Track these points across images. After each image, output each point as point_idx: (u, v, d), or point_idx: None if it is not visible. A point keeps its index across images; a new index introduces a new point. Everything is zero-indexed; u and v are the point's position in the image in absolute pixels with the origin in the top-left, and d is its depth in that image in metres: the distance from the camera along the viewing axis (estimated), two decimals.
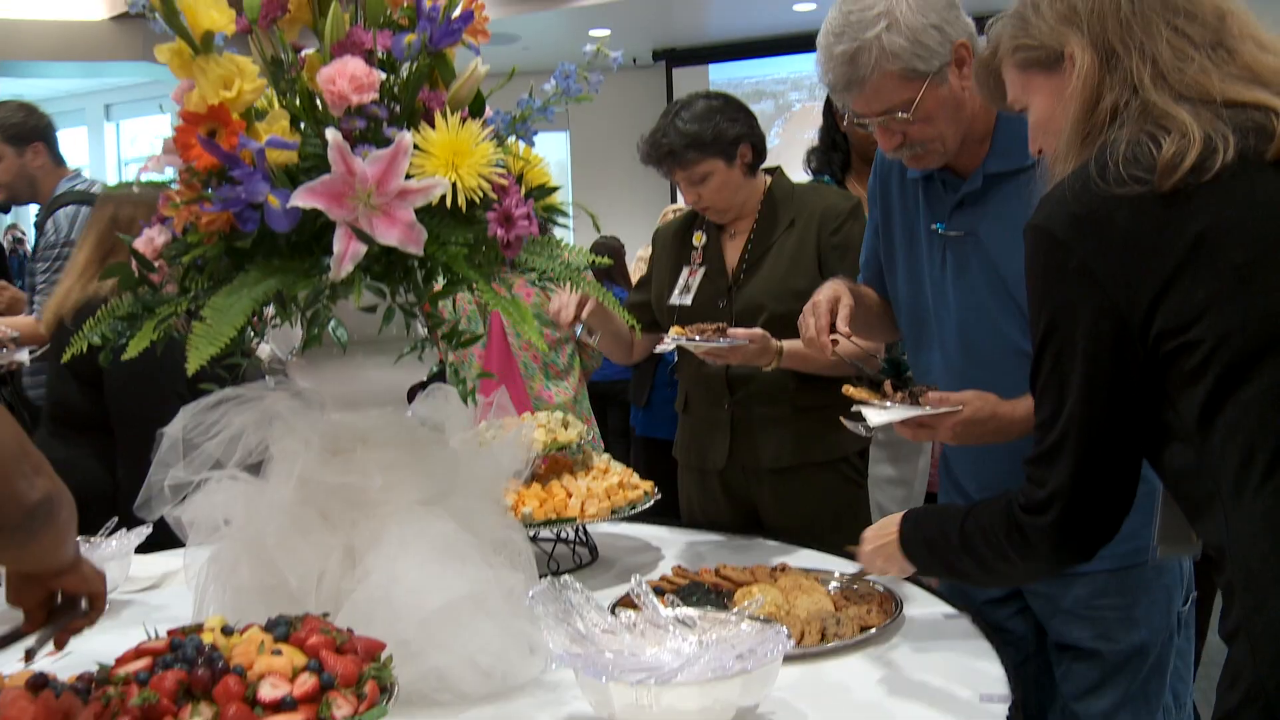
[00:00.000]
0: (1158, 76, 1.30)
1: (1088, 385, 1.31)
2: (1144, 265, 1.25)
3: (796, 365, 2.38)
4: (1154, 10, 1.33)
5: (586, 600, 1.50)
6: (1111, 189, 1.25)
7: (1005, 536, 1.45)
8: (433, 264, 1.48)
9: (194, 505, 1.67)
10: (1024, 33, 1.43)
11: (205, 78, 1.49)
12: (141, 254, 1.59)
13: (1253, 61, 1.30)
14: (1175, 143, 1.23)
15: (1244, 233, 1.22)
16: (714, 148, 2.45)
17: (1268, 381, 1.19)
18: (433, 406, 1.79)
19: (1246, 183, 1.23)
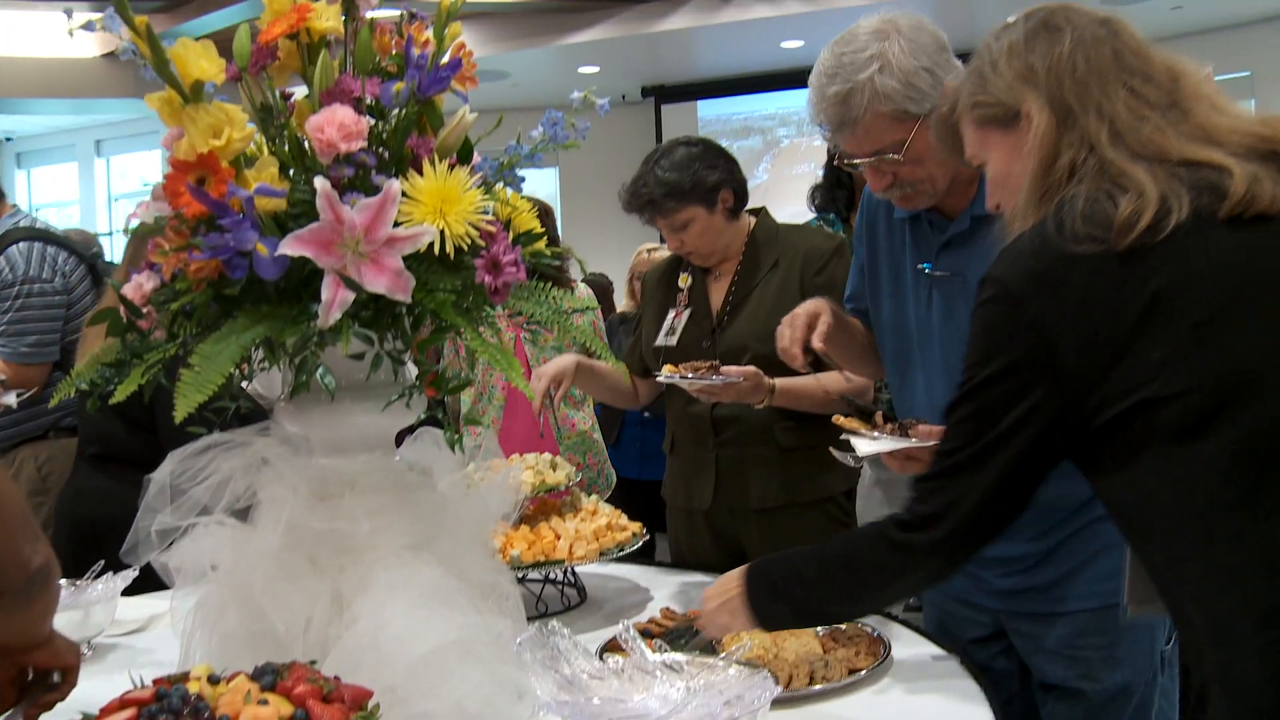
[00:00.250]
0: (1114, 135, 1.32)
1: (1007, 441, 1.33)
2: (1099, 326, 1.26)
3: (788, 403, 2.40)
4: (1109, 71, 1.35)
5: (574, 646, 1.50)
6: (1068, 246, 1.26)
7: (886, 554, 1.47)
8: (421, 311, 1.48)
9: (181, 551, 1.66)
10: (982, 90, 1.45)
11: (195, 126, 1.50)
12: (130, 300, 1.59)
13: (1206, 122, 1.32)
14: (1132, 202, 1.25)
15: (1200, 291, 1.23)
16: (694, 195, 2.47)
17: (1227, 438, 1.20)
18: (421, 450, 1.79)
19: (1201, 241, 1.24)
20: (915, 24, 1.90)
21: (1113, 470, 1.30)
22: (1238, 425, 1.20)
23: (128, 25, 1.50)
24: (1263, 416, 1.20)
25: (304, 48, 1.63)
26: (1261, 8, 9.11)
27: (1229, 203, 1.24)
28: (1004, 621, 1.98)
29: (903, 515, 1.44)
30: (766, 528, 2.53)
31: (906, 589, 1.57)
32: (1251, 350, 1.22)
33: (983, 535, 1.42)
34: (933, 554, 1.43)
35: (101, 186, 12.96)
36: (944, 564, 1.46)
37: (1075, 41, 1.38)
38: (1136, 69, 1.36)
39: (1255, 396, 1.21)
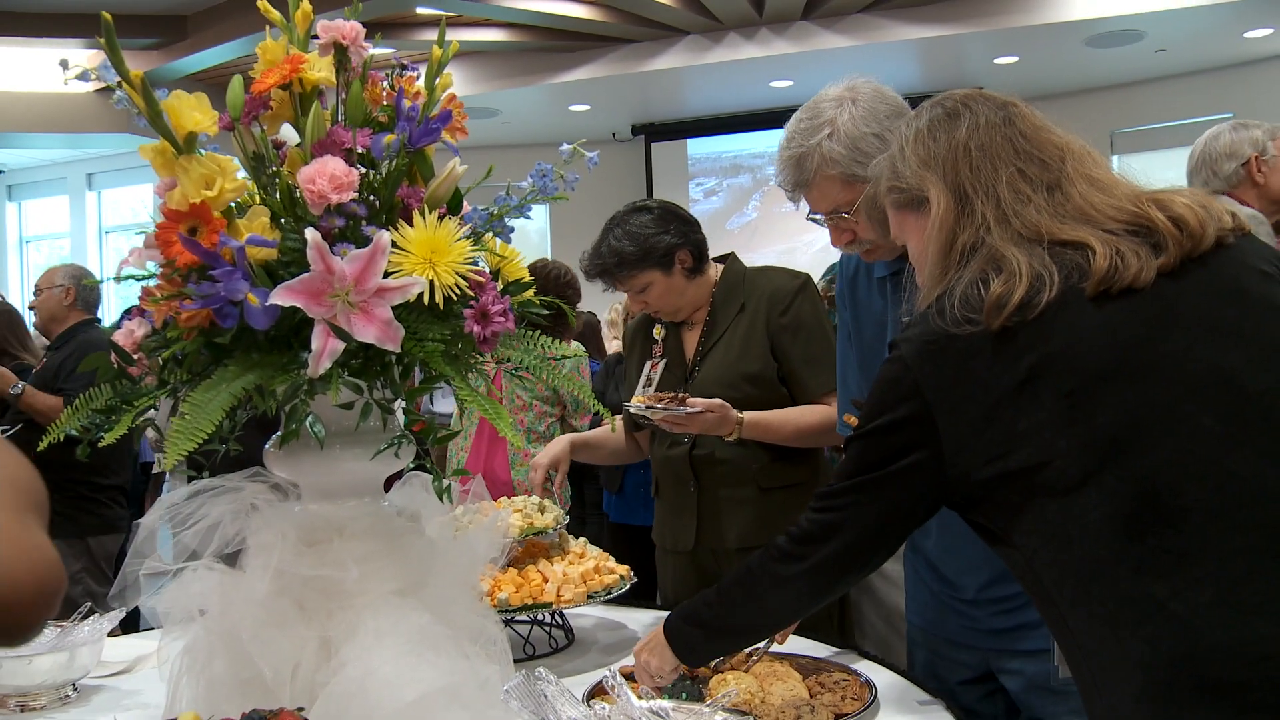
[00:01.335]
0: (1001, 218, 1.40)
1: (883, 486, 1.44)
2: (971, 397, 1.33)
3: (758, 436, 2.44)
4: (999, 156, 1.43)
5: (561, 693, 1.51)
6: (949, 328, 1.34)
7: (773, 562, 1.56)
8: (410, 360, 1.50)
9: (169, 596, 1.67)
10: (894, 175, 1.54)
11: (187, 177, 1.52)
12: (120, 346, 1.61)
13: (1084, 202, 1.39)
14: (1003, 283, 1.32)
15: (1068, 362, 1.30)
16: (647, 261, 2.54)
17: (1096, 497, 1.27)
18: (409, 495, 1.81)
19: (1070, 316, 1.31)
20: (874, 92, 2.02)
21: (999, 530, 1.38)
22: (1105, 486, 1.26)
23: (123, 78, 1.52)
24: (1127, 478, 1.26)
25: (296, 98, 1.66)
26: (1243, 51, 9.21)
27: (1093, 279, 1.31)
28: (993, 662, 1.99)
29: (794, 528, 1.55)
30: None
31: (792, 600, 1.61)
32: (1117, 417, 1.27)
33: (855, 564, 1.53)
34: (813, 572, 1.52)
35: (93, 220, 12.96)
36: (823, 582, 1.55)
37: (971, 129, 1.46)
38: (1025, 151, 1.43)
39: (1121, 459, 1.26)
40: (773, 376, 2.54)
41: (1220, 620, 1.20)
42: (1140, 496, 1.25)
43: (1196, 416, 1.26)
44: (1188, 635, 1.20)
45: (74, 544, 4.45)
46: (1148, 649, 1.22)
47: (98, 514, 4.56)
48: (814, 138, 2.00)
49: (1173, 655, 1.20)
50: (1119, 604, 1.24)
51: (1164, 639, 1.21)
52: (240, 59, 8.52)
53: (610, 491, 5.21)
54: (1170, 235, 1.33)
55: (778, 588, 1.56)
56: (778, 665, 1.94)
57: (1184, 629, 1.20)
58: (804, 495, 2.56)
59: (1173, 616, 1.21)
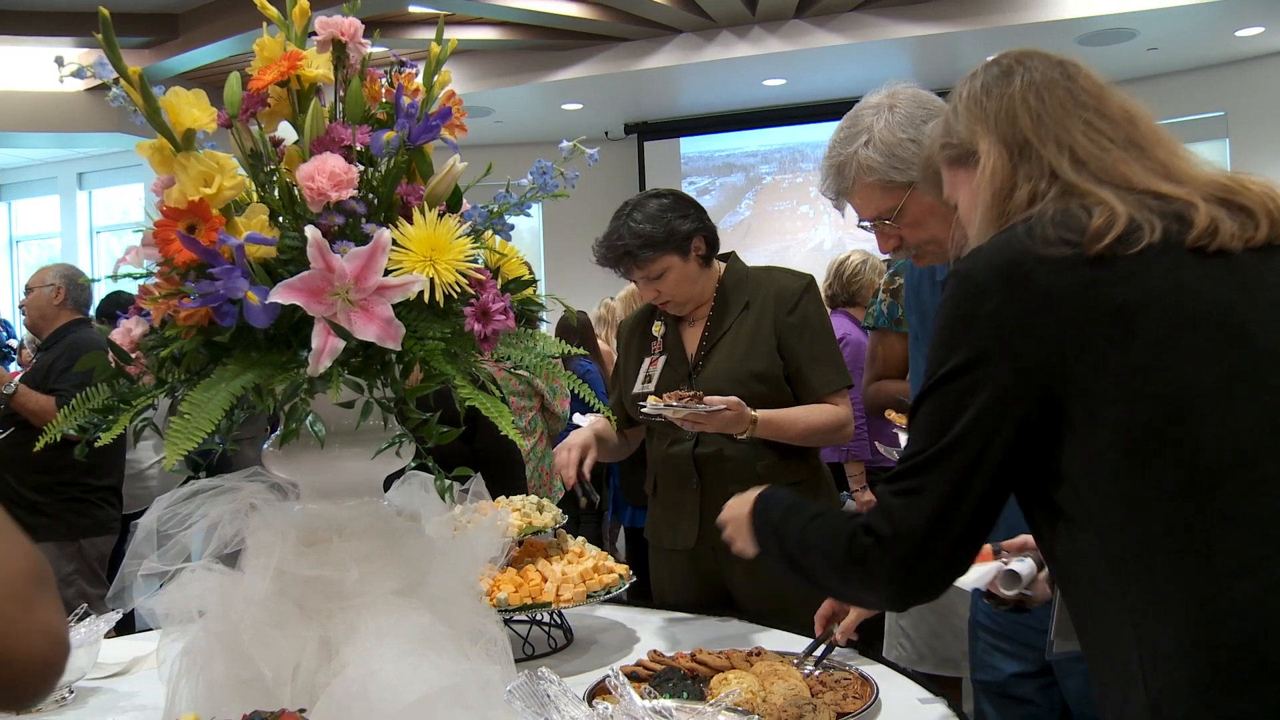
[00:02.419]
0: (1077, 163, 1.35)
1: (969, 437, 1.29)
2: (1060, 325, 1.25)
3: (771, 434, 2.44)
4: (1064, 107, 1.40)
5: (563, 692, 1.50)
6: (1038, 248, 1.27)
7: (846, 562, 1.39)
8: (410, 359, 1.49)
9: (168, 596, 1.66)
10: (947, 133, 1.51)
11: (186, 174, 1.51)
12: (119, 345, 1.60)
13: (1166, 161, 1.36)
14: (1104, 214, 1.28)
15: (1163, 309, 1.25)
16: (669, 244, 2.52)
17: (1168, 461, 1.22)
18: (408, 495, 1.80)
19: (1169, 263, 1.27)
20: (913, 97, 2.03)
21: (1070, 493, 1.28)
22: (1181, 452, 1.21)
23: (120, 75, 1.51)
24: (1208, 440, 1.21)
25: (294, 95, 1.65)
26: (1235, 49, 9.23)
27: (1195, 231, 1.27)
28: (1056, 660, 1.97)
29: (872, 520, 1.37)
30: (749, 565, 2.52)
31: (872, 603, 1.53)
32: (1202, 374, 1.23)
33: (942, 554, 1.33)
34: (891, 576, 1.36)
35: (83, 219, 12.90)
36: (906, 589, 1.37)
37: (1027, 82, 1.43)
38: (1092, 106, 1.40)
39: (1201, 420, 1.22)
40: (779, 375, 2.54)
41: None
42: (1217, 461, 1.20)
43: (1275, 388, 1.23)
44: (1258, 613, 1.16)
45: (66, 546, 4.44)
46: (1209, 631, 1.17)
47: (90, 515, 4.54)
48: (851, 146, 2.03)
49: (1237, 637, 1.16)
50: (1187, 578, 1.19)
51: (1228, 618, 1.17)
52: (232, 58, 8.49)
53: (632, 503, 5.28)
54: (1265, 212, 1.30)
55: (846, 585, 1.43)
56: (779, 664, 1.94)
57: (1254, 606, 1.16)
58: (805, 492, 2.56)
59: (1239, 595, 1.17)
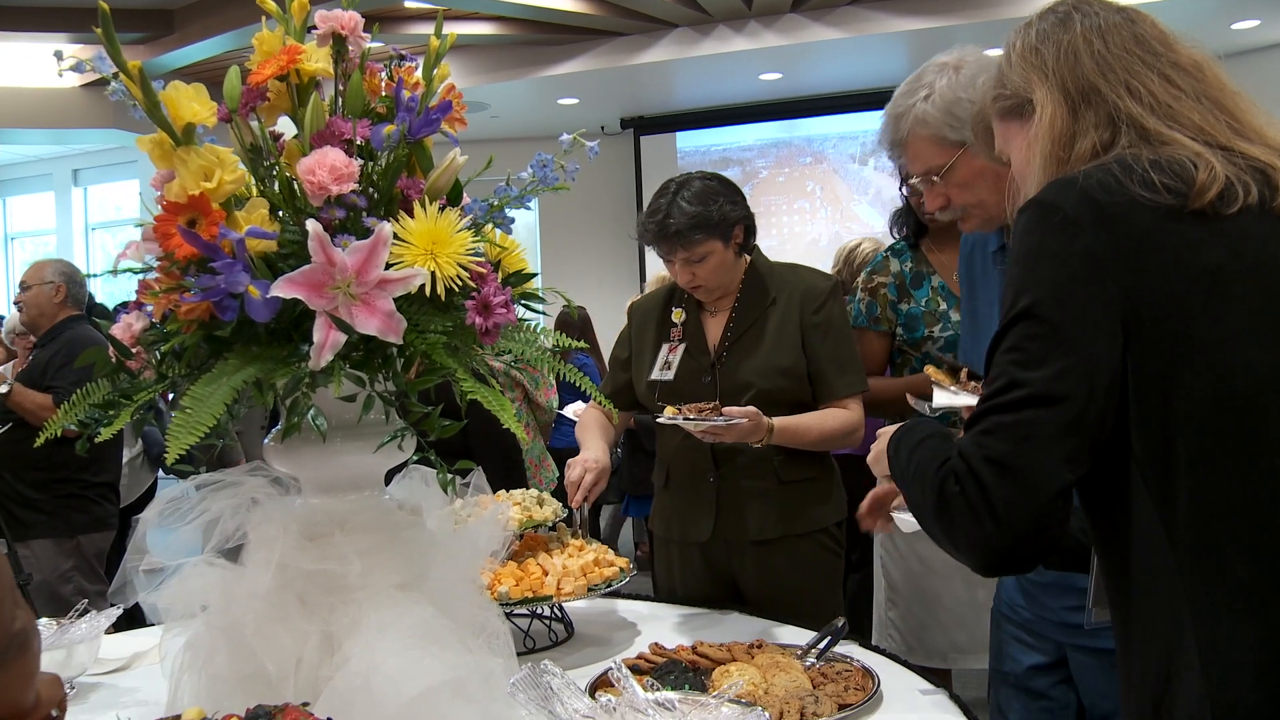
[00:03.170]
0: (1153, 110, 1.28)
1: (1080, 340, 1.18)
2: (1155, 278, 1.18)
3: (787, 441, 2.43)
4: (1131, 52, 1.32)
5: (566, 685, 1.50)
6: (1136, 189, 1.20)
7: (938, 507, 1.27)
8: (412, 352, 1.49)
9: (170, 591, 1.66)
10: (1000, 84, 1.45)
11: (186, 168, 1.51)
12: (119, 340, 1.59)
13: (1240, 117, 1.28)
14: (1207, 169, 1.20)
15: (1259, 278, 1.19)
16: (716, 229, 2.49)
17: (1253, 444, 1.16)
18: (409, 488, 1.80)
19: (1265, 229, 1.21)
20: (980, 60, 2.06)
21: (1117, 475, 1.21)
22: (1267, 427, 1.16)
23: (120, 69, 1.51)
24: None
25: (294, 89, 1.65)
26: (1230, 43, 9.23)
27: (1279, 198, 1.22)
28: (1069, 652, 1.98)
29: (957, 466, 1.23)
30: (761, 559, 2.54)
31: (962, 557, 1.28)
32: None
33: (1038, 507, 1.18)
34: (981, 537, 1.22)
35: (79, 216, 12.89)
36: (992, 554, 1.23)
37: (1087, 28, 1.35)
38: (1162, 54, 1.32)
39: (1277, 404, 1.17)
40: (803, 372, 2.53)
41: None
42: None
43: None
44: None
45: (64, 543, 4.44)
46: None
47: (87, 511, 4.54)
48: (912, 98, 2.07)
49: None
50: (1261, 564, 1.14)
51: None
52: (228, 53, 8.48)
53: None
54: None
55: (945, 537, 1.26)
56: (780, 656, 1.94)
57: None
58: (818, 487, 2.57)
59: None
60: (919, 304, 2.95)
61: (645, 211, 2.57)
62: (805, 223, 10.82)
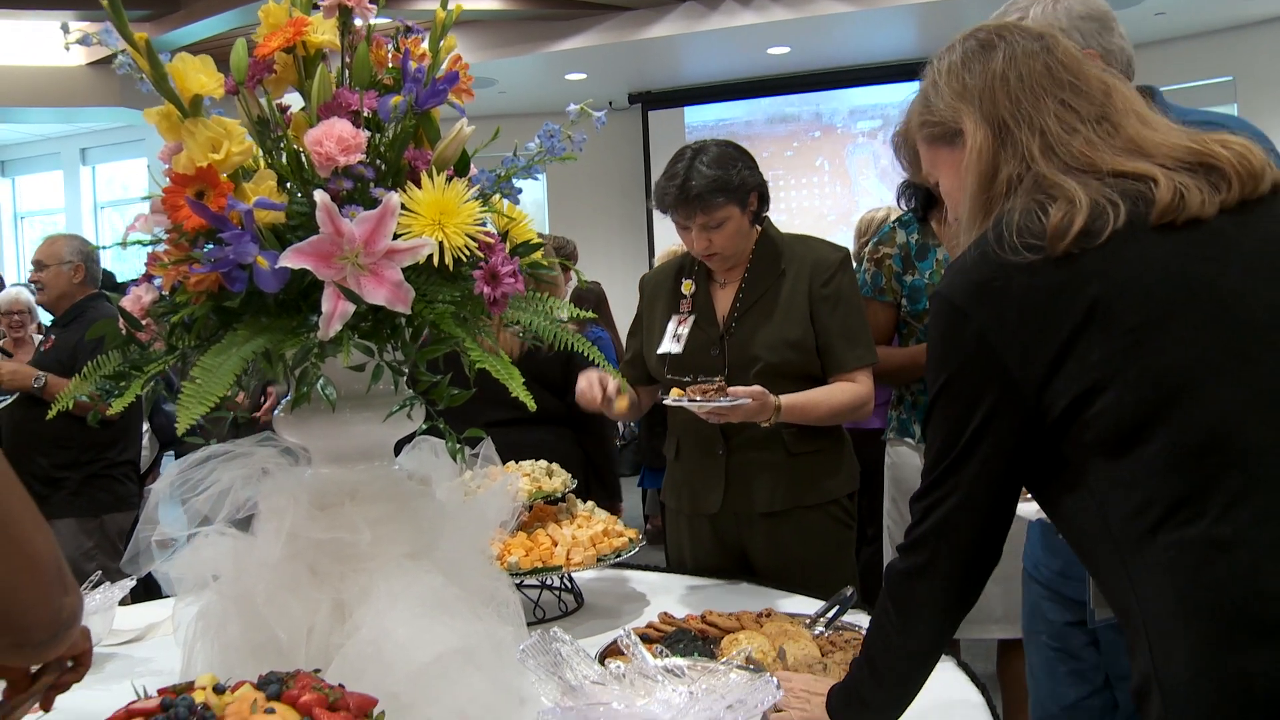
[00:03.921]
0: (1047, 148, 1.36)
1: (971, 442, 1.35)
2: (1039, 332, 1.29)
3: (794, 419, 2.42)
4: (1042, 86, 1.39)
5: (576, 652, 1.51)
6: (1007, 257, 1.30)
7: (891, 604, 1.46)
8: (420, 322, 1.49)
9: (182, 561, 1.68)
10: (927, 109, 1.49)
11: (193, 140, 1.51)
12: (129, 312, 1.60)
13: (1135, 135, 1.36)
14: (1062, 209, 1.29)
15: (1136, 295, 1.27)
16: (736, 193, 2.49)
17: (1161, 442, 1.24)
18: (419, 459, 1.81)
19: (1136, 247, 1.28)
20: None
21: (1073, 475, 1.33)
22: (1171, 424, 1.24)
23: (127, 42, 1.51)
24: (1194, 417, 1.24)
25: (300, 61, 1.65)
26: (1242, 13, 9.17)
27: (1158, 208, 1.28)
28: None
29: (901, 545, 1.46)
30: (771, 531, 2.55)
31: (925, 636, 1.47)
32: (1183, 355, 1.25)
33: (977, 556, 1.41)
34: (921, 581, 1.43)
35: (87, 195, 12.91)
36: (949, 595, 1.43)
37: (1008, 58, 1.42)
38: (1067, 82, 1.40)
39: (1187, 399, 1.24)
40: (812, 344, 2.52)
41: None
42: (1206, 437, 1.22)
43: (1262, 357, 1.24)
44: (1250, 578, 1.18)
45: (87, 522, 4.45)
46: (1208, 596, 1.20)
47: (110, 491, 4.55)
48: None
49: (1234, 601, 1.19)
50: (1182, 549, 1.22)
51: (1226, 584, 1.19)
52: (232, 30, 8.46)
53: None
54: (1235, 171, 1.30)
55: (914, 616, 1.45)
56: (789, 625, 1.95)
57: (1246, 572, 1.18)
58: (827, 459, 2.57)
59: (1235, 560, 1.19)
60: (923, 276, 2.94)
61: (663, 176, 2.55)
62: (813, 197, 10.80)
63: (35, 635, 1.08)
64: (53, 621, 1.09)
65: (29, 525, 1.04)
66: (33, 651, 1.11)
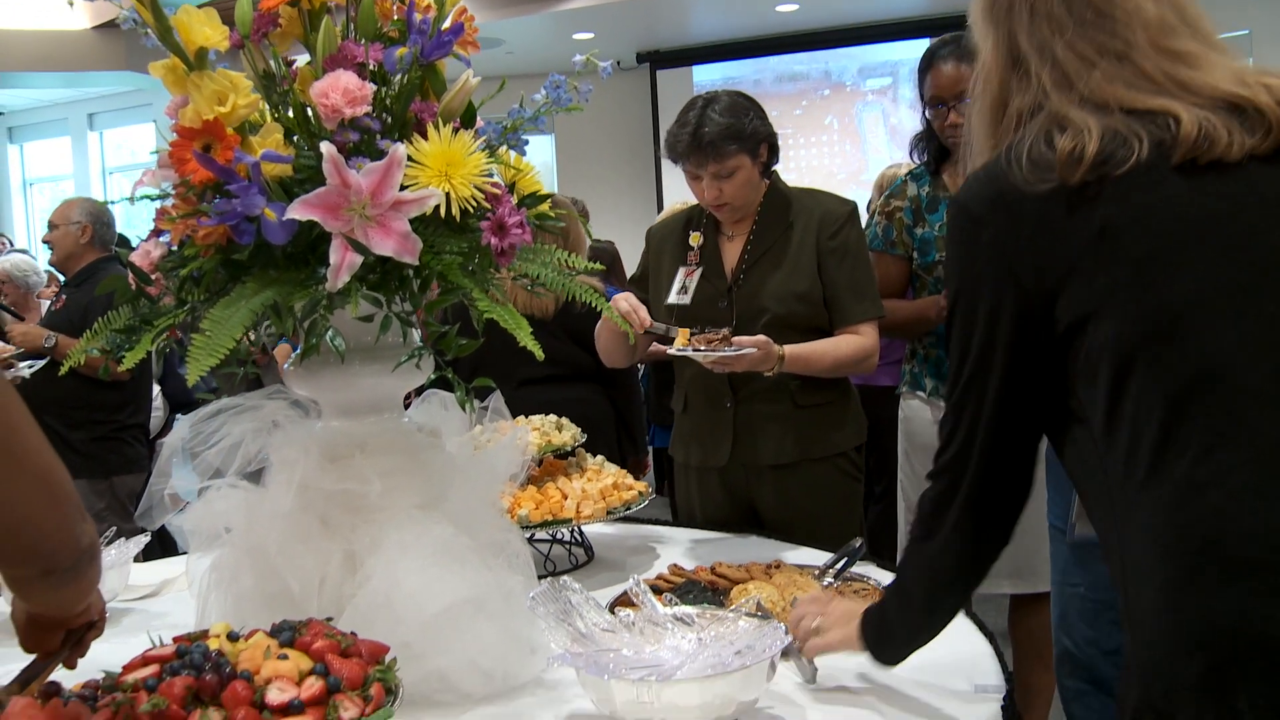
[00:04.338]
0: (1060, 82, 1.33)
1: (986, 351, 1.34)
2: (1050, 250, 1.28)
3: (798, 369, 2.42)
4: (1055, 14, 1.35)
5: (586, 600, 1.52)
6: (1021, 185, 1.29)
7: (920, 528, 1.46)
8: (428, 273, 1.50)
9: (195, 514, 1.69)
10: (966, 26, 1.48)
11: (199, 93, 1.51)
12: (138, 267, 1.61)
13: (1166, 70, 1.31)
14: (1072, 138, 1.26)
15: (1145, 226, 1.25)
16: (748, 142, 2.48)
17: (1152, 375, 1.23)
18: (428, 413, 1.82)
19: (1153, 180, 1.25)
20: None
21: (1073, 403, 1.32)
22: (1164, 360, 1.23)
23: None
24: (1188, 354, 1.22)
25: (305, 14, 1.64)
26: None
27: (1181, 148, 1.25)
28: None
29: (929, 472, 1.44)
30: (779, 483, 2.56)
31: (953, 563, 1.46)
32: (1185, 291, 1.23)
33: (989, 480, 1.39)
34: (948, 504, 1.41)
35: (95, 160, 12.90)
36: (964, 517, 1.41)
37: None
38: (1090, 13, 1.35)
39: (1184, 335, 1.23)
40: (819, 297, 2.52)
41: (1253, 506, 1.18)
42: (1196, 375, 1.21)
43: (1264, 301, 1.22)
44: (1220, 520, 1.19)
45: (98, 483, 4.48)
46: (1178, 535, 1.20)
47: (120, 453, 4.58)
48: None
49: (1203, 541, 1.19)
50: (1162, 488, 1.21)
51: (1196, 525, 1.20)
52: None
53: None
54: (1274, 117, 1.26)
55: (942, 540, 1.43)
56: (798, 576, 1.96)
57: (1217, 514, 1.19)
58: (835, 412, 2.58)
59: (1208, 502, 1.19)
60: (933, 229, 2.93)
61: (674, 124, 2.53)
62: (823, 156, 10.74)
63: (60, 560, 1.12)
64: (75, 548, 1.13)
65: (46, 454, 1.08)
66: (59, 580, 1.15)
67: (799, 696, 1.58)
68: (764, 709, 1.52)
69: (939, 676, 1.64)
